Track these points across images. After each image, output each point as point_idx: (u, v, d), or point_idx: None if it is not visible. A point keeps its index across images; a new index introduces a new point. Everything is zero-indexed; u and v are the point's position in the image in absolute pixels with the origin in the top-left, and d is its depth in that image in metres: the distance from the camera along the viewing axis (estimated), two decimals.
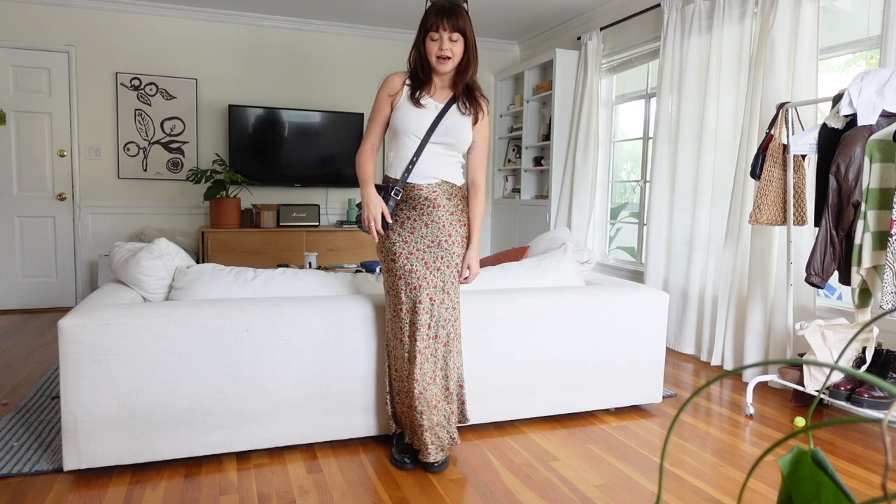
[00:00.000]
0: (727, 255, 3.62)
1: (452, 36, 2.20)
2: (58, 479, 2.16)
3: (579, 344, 2.72)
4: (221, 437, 2.27)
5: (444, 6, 2.21)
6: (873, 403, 2.60)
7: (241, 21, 5.42)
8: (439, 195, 2.29)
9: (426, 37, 2.22)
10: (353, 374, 2.41)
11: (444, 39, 2.20)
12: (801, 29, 3.20)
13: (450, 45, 2.20)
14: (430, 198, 2.27)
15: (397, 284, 2.25)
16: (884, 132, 2.50)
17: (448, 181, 2.32)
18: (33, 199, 5.06)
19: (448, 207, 2.30)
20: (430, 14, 2.22)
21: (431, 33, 2.21)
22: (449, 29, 2.19)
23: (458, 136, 2.29)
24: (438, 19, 2.19)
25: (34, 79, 4.97)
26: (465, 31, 2.22)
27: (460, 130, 2.29)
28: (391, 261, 2.27)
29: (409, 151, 2.27)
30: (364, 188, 2.28)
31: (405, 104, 2.27)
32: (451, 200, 2.32)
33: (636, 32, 4.73)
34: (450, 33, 2.19)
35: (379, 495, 2.08)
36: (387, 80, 2.32)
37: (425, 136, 2.26)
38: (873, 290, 2.60)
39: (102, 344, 2.09)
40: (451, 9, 2.21)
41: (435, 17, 2.19)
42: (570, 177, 5.15)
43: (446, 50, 2.20)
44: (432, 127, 2.26)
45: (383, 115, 2.33)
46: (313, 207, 5.40)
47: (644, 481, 2.23)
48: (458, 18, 2.20)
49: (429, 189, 2.28)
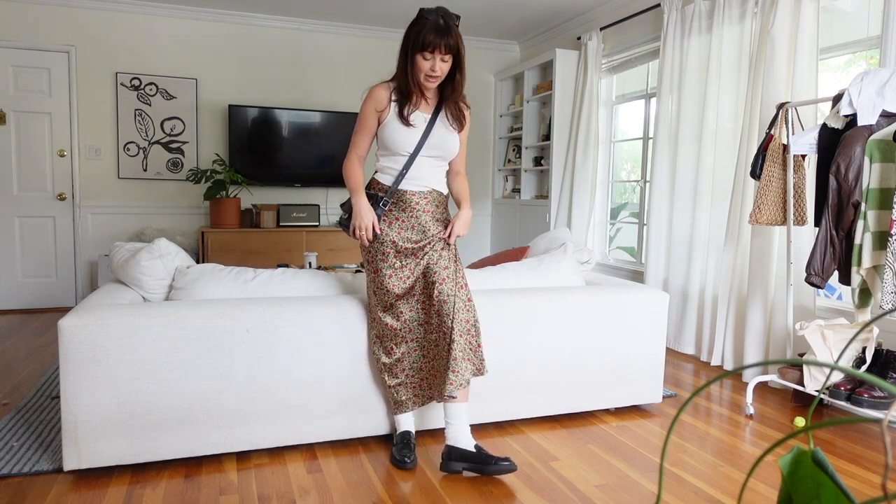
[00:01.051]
0: (727, 255, 3.62)
1: (445, 57, 2.20)
2: (58, 479, 2.16)
3: (579, 344, 2.72)
4: (221, 437, 2.27)
5: (440, 26, 2.16)
6: (873, 403, 2.60)
7: (241, 21, 5.42)
8: (429, 202, 2.35)
9: (418, 53, 2.19)
10: (353, 374, 2.41)
11: (437, 60, 2.19)
12: (801, 29, 3.20)
13: (441, 65, 2.21)
14: (421, 203, 2.33)
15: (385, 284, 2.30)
16: (884, 132, 2.50)
17: (437, 190, 2.38)
18: (33, 199, 5.06)
19: (435, 214, 2.37)
20: (426, 33, 2.15)
21: (425, 52, 2.18)
22: (444, 50, 2.18)
23: (448, 148, 2.35)
24: (437, 40, 2.15)
25: (34, 79, 4.97)
26: (458, 50, 2.23)
27: (449, 143, 2.34)
28: (380, 261, 2.31)
29: (399, 164, 2.32)
30: (355, 197, 2.30)
31: (393, 122, 2.28)
32: (438, 208, 2.39)
33: (636, 32, 4.73)
34: (443, 54, 2.19)
35: (379, 495, 2.08)
36: (372, 93, 2.29)
37: (415, 151, 2.29)
38: (873, 290, 2.60)
39: (102, 344, 2.09)
40: (447, 29, 2.17)
41: (433, 37, 2.15)
42: (570, 177, 5.15)
43: (437, 70, 2.21)
44: (421, 142, 2.29)
45: (370, 129, 2.34)
46: (313, 207, 5.40)
47: (644, 481, 2.23)
48: (453, 37, 2.19)
49: (420, 196, 2.33)
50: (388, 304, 2.31)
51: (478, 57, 6.23)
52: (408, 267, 2.31)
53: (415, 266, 2.31)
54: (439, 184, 2.39)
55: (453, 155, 2.38)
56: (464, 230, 2.36)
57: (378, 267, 2.31)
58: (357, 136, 2.35)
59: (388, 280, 2.29)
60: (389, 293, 2.30)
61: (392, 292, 2.30)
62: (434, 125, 2.31)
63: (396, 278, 2.30)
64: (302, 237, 5.28)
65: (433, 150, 2.31)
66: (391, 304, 2.31)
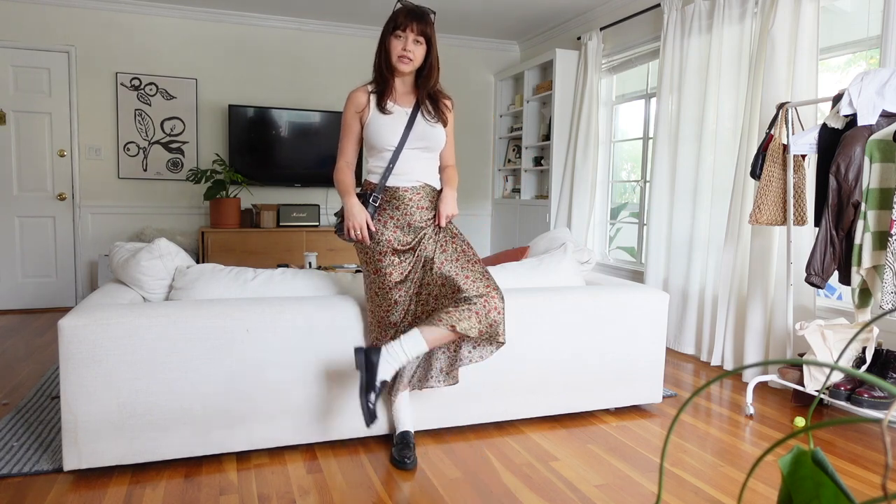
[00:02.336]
0: (727, 255, 3.62)
1: (418, 38, 2.26)
2: (58, 479, 2.16)
3: (579, 344, 2.72)
4: (221, 437, 2.27)
5: (413, 9, 2.27)
6: (873, 403, 2.60)
7: (241, 21, 5.42)
8: (422, 197, 2.34)
9: (390, 35, 2.27)
10: (353, 374, 2.40)
11: (409, 40, 2.25)
12: (801, 29, 3.20)
13: (413, 46, 2.26)
14: (414, 199, 2.32)
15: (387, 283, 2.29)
16: (884, 132, 2.50)
17: (430, 184, 2.38)
18: (33, 199, 5.06)
19: (430, 209, 2.36)
20: (398, 14, 2.27)
21: (398, 31, 2.26)
22: (415, 31, 2.25)
23: (434, 139, 2.35)
24: (407, 20, 2.24)
25: (34, 79, 4.97)
26: (430, 38, 2.30)
27: (433, 134, 2.35)
28: (378, 261, 2.31)
29: (385, 159, 2.32)
30: (345, 198, 2.30)
31: (375, 117, 2.31)
32: (433, 203, 2.38)
33: (636, 32, 4.73)
34: (416, 35, 2.25)
35: (379, 495, 2.08)
36: (351, 98, 2.34)
37: (400, 143, 2.30)
38: (873, 290, 2.60)
39: (102, 344, 2.09)
40: (420, 13, 2.27)
41: (404, 17, 2.25)
42: (570, 177, 5.15)
43: (409, 51, 2.25)
44: (405, 134, 2.30)
45: (355, 133, 2.37)
46: (313, 207, 5.40)
47: (644, 481, 2.23)
48: (426, 23, 2.27)
49: (413, 191, 2.33)
50: (393, 301, 2.30)
51: (478, 57, 6.23)
52: (406, 261, 2.32)
53: (413, 259, 2.31)
54: (431, 178, 2.39)
55: (441, 146, 2.39)
56: (452, 209, 2.35)
57: (378, 267, 2.30)
58: (343, 143, 2.38)
59: (389, 278, 2.29)
60: (392, 291, 2.29)
61: (395, 287, 2.29)
62: (416, 118, 2.33)
63: (398, 274, 2.30)
64: (302, 237, 5.28)
65: (418, 141, 2.32)
66: (395, 302, 2.30)
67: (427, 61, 2.32)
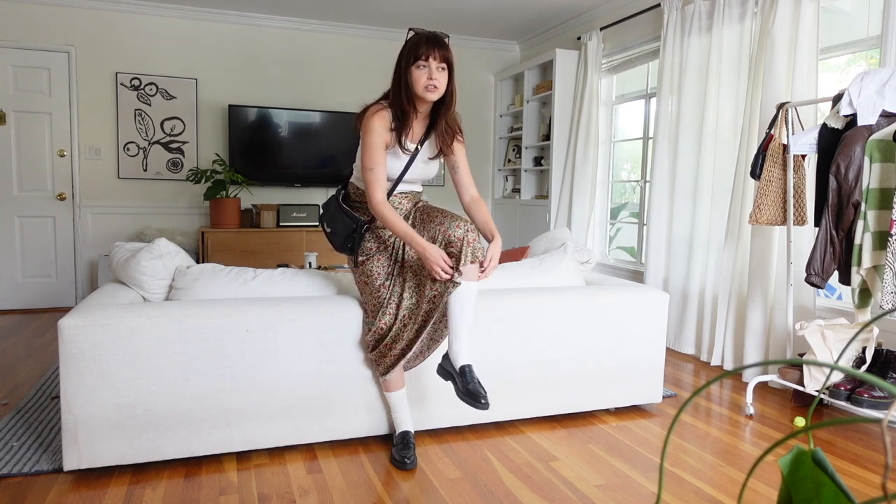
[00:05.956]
0: (727, 255, 3.62)
1: (441, 65, 2.20)
2: (58, 479, 2.16)
3: (579, 344, 2.72)
4: (221, 437, 2.27)
5: (430, 36, 2.20)
6: (873, 403, 2.60)
7: (240, 21, 5.42)
8: (409, 199, 2.41)
9: (411, 66, 2.19)
10: (353, 374, 2.41)
11: (433, 68, 2.18)
12: (801, 29, 3.20)
13: (438, 74, 2.19)
14: (403, 203, 2.39)
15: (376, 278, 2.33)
16: (884, 132, 2.50)
17: (414, 191, 2.44)
18: (33, 199, 5.06)
19: (411, 209, 2.41)
20: (417, 43, 2.18)
21: (419, 62, 2.18)
22: (438, 59, 2.18)
23: (426, 175, 2.41)
24: (429, 48, 2.17)
25: (34, 79, 4.97)
26: (451, 63, 2.23)
27: (427, 171, 2.39)
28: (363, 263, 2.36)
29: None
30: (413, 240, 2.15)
31: (392, 151, 2.30)
32: (412, 201, 2.43)
33: (636, 32, 4.73)
34: (439, 62, 2.19)
35: (379, 495, 2.08)
36: (374, 126, 2.22)
37: (398, 179, 2.33)
38: (873, 290, 2.60)
39: (102, 344, 2.09)
40: (439, 39, 2.21)
41: (426, 46, 2.17)
42: (570, 177, 5.15)
43: (435, 79, 2.18)
44: (403, 173, 2.32)
45: (383, 160, 2.26)
46: (313, 207, 5.40)
47: (644, 481, 2.23)
48: (447, 49, 2.21)
49: (401, 196, 2.39)
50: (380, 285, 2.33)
51: (478, 57, 6.23)
52: (389, 256, 2.37)
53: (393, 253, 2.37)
54: (414, 187, 2.45)
55: (430, 178, 2.44)
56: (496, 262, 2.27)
57: (368, 268, 2.36)
58: (375, 173, 2.22)
59: (376, 272, 2.33)
60: (382, 287, 2.32)
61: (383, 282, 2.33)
62: (416, 158, 2.32)
63: (384, 274, 2.34)
64: (302, 237, 5.28)
65: (412, 176, 2.36)
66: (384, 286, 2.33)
67: (448, 88, 2.26)
